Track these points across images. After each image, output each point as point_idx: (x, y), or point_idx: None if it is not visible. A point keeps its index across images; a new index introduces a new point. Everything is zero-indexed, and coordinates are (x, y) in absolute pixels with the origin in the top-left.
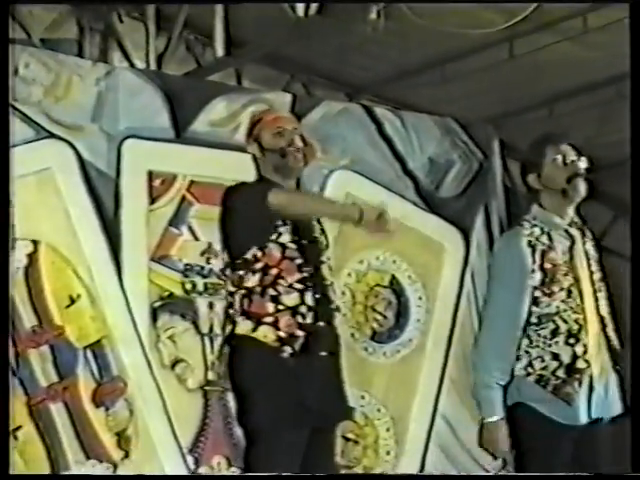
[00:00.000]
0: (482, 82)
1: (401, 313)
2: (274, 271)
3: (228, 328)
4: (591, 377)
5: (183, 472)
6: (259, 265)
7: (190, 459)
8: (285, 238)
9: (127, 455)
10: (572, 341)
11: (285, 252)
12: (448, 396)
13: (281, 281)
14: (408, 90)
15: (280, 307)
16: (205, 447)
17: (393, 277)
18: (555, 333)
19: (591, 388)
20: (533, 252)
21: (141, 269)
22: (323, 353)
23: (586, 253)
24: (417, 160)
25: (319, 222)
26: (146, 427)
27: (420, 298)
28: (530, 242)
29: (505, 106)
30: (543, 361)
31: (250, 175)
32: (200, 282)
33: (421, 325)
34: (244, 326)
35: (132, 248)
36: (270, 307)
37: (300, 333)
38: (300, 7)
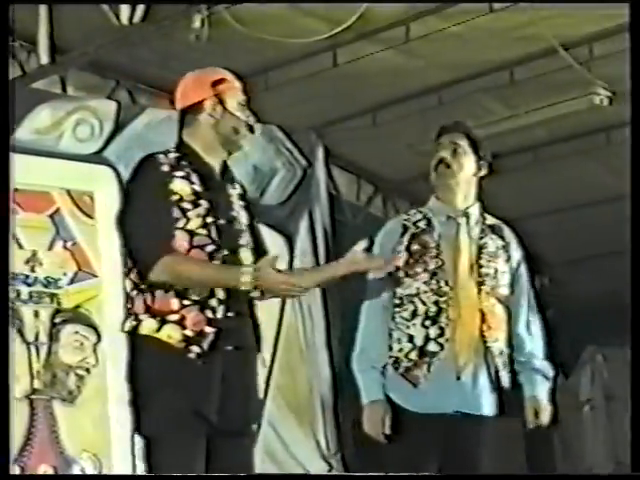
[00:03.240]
0: (306, 90)
1: None
2: None
3: (129, 325)
4: (452, 367)
5: None
6: None
7: (16, 469)
8: (194, 224)
9: None
10: (428, 323)
11: (193, 240)
12: (273, 402)
13: None
14: None
15: (186, 302)
16: (31, 456)
17: None
18: (414, 315)
19: (446, 377)
20: (403, 234)
21: None
22: (229, 348)
23: (479, 247)
24: (241, 167)
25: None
26: None
27: None
28: (405, 225)
29: (329, 114)
30: (400, 343)
31: (77, 183)
32: (25, 290)
33: None
34: (148, 325)
35: None
36: (175, 303)
37: (209, 330)
38: (124, 14)
